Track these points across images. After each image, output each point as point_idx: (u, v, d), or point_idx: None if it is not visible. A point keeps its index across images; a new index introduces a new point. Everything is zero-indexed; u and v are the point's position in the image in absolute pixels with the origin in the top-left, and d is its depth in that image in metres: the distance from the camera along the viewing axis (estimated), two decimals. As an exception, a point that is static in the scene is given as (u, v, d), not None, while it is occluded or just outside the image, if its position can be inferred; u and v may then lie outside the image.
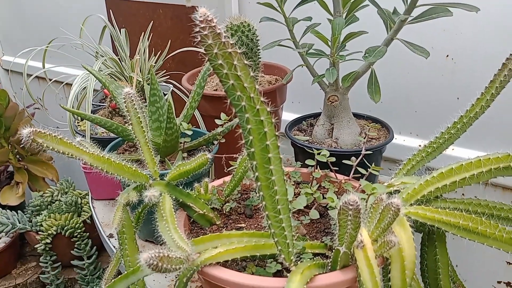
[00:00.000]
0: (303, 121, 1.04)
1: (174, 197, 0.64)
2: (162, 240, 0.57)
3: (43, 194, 1.66)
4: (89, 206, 1.58)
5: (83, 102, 1.13)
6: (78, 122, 1.13)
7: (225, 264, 0.56)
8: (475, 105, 0.67)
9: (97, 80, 1.08)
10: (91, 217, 1.56)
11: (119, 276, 0.55)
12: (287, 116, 1.19)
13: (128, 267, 0.63)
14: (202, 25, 0.44)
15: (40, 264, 1.59)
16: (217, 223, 0.68)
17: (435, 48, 1.06)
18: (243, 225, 0.68)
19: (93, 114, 1.05)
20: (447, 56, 1.06)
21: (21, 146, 1.76)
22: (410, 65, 1.12)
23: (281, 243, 0.51)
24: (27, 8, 2.01)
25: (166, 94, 0.98)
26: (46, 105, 1.47)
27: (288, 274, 0.51)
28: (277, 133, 0.49)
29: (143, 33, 1.26)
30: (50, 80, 1.33)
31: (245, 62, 0.46)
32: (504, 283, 1.16)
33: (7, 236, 1.69)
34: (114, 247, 0.90)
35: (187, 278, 0.53)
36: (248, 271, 0.56)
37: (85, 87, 1.14)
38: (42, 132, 0.56)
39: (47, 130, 0.56)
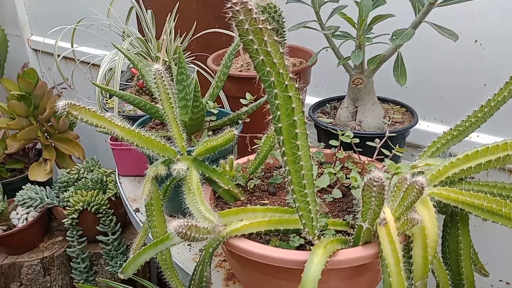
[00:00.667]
0: (327, 104, 1.04)
1: (200, 172, 0.66)
2: (188, 214, 0.59)
3: (70, 171, 1.71)
4: (114, 184, 1.63)
5: (110, 82, 1.16)
6: (106, 100, 1.16)
7: (249, 237, 0.58)
8: (503, 88, 0.67)
9: (124, 60, 1.10)
10: (115, 194, 1.61)
11: (149, 244, 0.58)
12: (310, 100, 1.19)
13: (156, 237, 0.65)
14: (234, 1, 0.45)
15: (66, 238, 1.65)
16: (241, 199, 0.70)
17: (463, 33, 1.04)
18: (266, 201, 0.70)
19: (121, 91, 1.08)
20: (475, 41, 1.05)
21: (49, 124, 1.82)
22: (436, 50, 1.10)
23: (306, 217, 0.52)
24: (55, -11, 2.05)
25: (192, 74, 1.00)
26: (74, 84, 1.51)
27: (311, 248, 0.52)
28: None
29: (169, 14, 1.28)
30: (78, 60, 1.36)
31: (275, 38, 0.47)
32: (525, 271, 1.15)
33: (35, 211, 1.76)
34: (141, 221, 0.93)
35: (213, 248, 0.55)
36: (272, 244, 0.58)
37: (111, 68, 1.17)
38: (77, 105, 0.58)
39: (81, 103, 0.59)
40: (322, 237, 0.56)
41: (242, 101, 0.87)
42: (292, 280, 0.53)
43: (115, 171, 1.69)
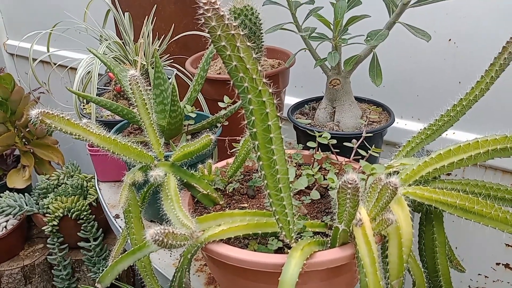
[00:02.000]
0: (305, 105, 1.05)
1: (178, 178, 0.65)
2: (167, 219, 0.58)
3: (50, 177, 1.69)
4: (95, 189, 1.61)
5: (88, 85, 1.14)
6: (83, 105, 1.14)
7: (228, 242, 0.58)
8: (474, 88, 0.68)
9: (101, 64, 1.09)
10: (96, 199, 1.59)
11: (126, 252, 0.57)
12: (290, 100, 1.20)
13: (135, 244, 0.65)
14: (206, 7, 0.45)
15: (47, 246, 1.62)
16: (221, 203, 0.70)
17: (438, 32, 1.06)
18: (245, 205, 0.70)
19: (97, 97, 1.07)
20: (449, 40, 1.07)
21: (27, 130, 1.79)
22: (412, 49, 1.12)
23: (282, 221, 0.53)
24: (30, -8, 2.01)
25: (170, 77, 0.99)
26: (51, 89, 1.48)
27: (289, 251, 0.53)
28: (279, 115, 0.51)
29: (146, 16, 1.27)
30: (55, 64, 1.34)
31: (248, 44, 0.47)
32: (502, 264, 1.18)
33: (15, 218, 1.73)
34: (120, 227, 0.93)
35: (191, 254, 0.55)
36: (250, 248, 0.58)
37: (89, 71, 1.15)
38: (50, 113, 0.57)
39: (55, 111, 0.58)
40: (300, 239, 0.56)
41: (221, 104, 0.87)
42: (270, 283, 0.53)
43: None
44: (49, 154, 1.82)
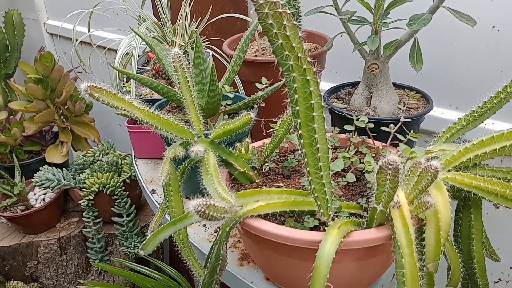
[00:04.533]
0: (341, 89, 1.05)
1: (217, 155, 0.67)
2: (205, 195, 0.60)
3: (86, 154, 1.74)
4: (129, 167, 1.65)
5: (127, 65, 1.17)
6: (123, 84, 1.18)
7: (265, 218, 0.60)
8: (521, 75, 0.66)
9: (140, 44, 1.11)
10: (130, 177, 1.63)
11: (168, 223, 0.60)
12: (325, 85, 1.20)
13: (174, 217, 0.67)
14: (255, -15, 0.45)
15: (82, 219, 1.69)
16: (257, 181, 0.71)
17: (481, 19, 1.03)
18: (281, 184, 0.71)
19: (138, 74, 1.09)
20: (493, 27, 1.03)
21: (65, 107, 1.85)
22: (454, 36, 1.09)
23: (321, 198, 0.54)
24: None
25: (207, 58, 1.00)
26: (88, 68, 1.53)
27: (325, 229, 0.54)
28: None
29: (185, -2, 1.28)
30: (95, 44, 1.38)
31: (294, 22, 0.48)
32: (536, 259, 1.16)
33: (52, 192, 1.80)
34: (157, 202, 0.96)
35: (229, 227, 0.57)
36: (287, 225, 0.60)
37: (127, 53, 1.18)
38: (98, 87, 0.59)
39: (103, 85, 0.60)
40: (336, 218, 0.57)
41: (258, 85, 0.88)
42: (305, 259, 0.55)
43: (130, 154, 1.72)
44: (85, 131, 1.88)
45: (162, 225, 0.61)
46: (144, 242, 0.61)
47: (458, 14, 0.79)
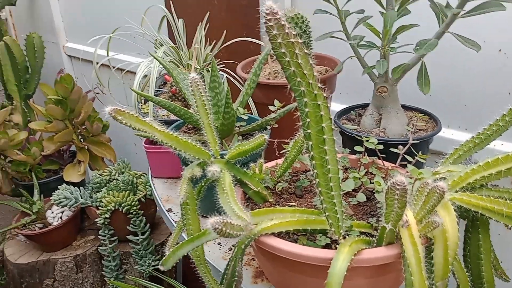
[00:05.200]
0: (352, 111, 1.07)
1: (232, 174, 0.70)
2: (221, 213, 0.63)
3: (102, 173, 1.79)
4: (144, 186, 1.69)
5: (145, 87, 1.22)
6: (141, 105, 1.22)
7: (278, 236, 0.62)
8: (525, 98, 0.69)
9: (158, 67, 1.16)
10: (145, 195, 1.67)
11: (186, 240, 0.62)
12: (336, 107, 1.23)
13: (190, 234, 0.70)
14: (268, 17, 0.49)
15: (98, 237, 1.72)
16: (270, 200, 0.74)
17: (488, 42, 1.06)
18: (293, 203, 0.74)
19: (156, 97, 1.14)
20: (499, 50, 1.06)
21: (83, 127, 1.91)
22: (461, 58, 1.12)
23: (332, 217, 0.56)
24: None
25: (222, 81, 1.05)
26: (106, 90, 1.59)
27: (336, 247, 0.56)
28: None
29: (200, 23, 1.34)
30: (114, 67, 1.44)
31: (306, 51, 0.51)
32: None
33: (70, 210, 1.84)
34: (173, 220, 0.99)
35: (245, 245, 0.60)
36: (300, 243, 0.62)
37: (146, 75, 1.23)
38: (122, 111, 0.63)
39: (126, 109, 0.64)
40: (347, 237, 0.59)
41: (271, 107, 0.92)
42: (318, 277, 0.57)
43: (145, 173, 1.76)
44: (102, 151, 1.93)
45: (180, 243, 0.63)
46: (164, 258, 0.64)
47: (463, 39, 0.82)
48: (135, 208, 1.63)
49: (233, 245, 0.89)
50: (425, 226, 0.56)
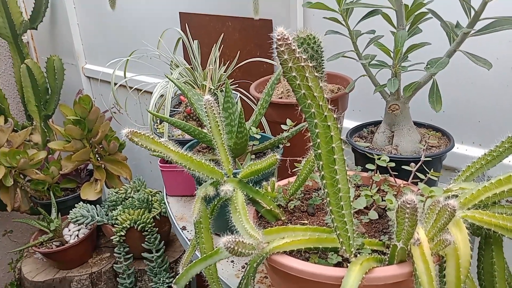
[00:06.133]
0: (364, 128, 1.08)
1: (245, 193, 0.71)
2: (233, 232, 0.64)
3: (118, 191, 1.82)
4: (159, 203, 1.71)
5: (161, 107, 1.25)
6: (157, 125, 1.25)
7: (290, 254, 0.63)
8: (537, 115, 0.69)
9: (173, 88, 1.19)
10: (160, 213, 1.69)
11: (199, 259, 0.64)
12: (348, 123, 1.24)
13: (204, 253, 0.71)
14: (279, 42, 0.51)
15: (114, 254, 1.74)
16: (282, 218, 0.75)
17: (500, 59, 1.06)
18: (306, 221, 0.74)
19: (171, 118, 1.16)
20: (512, 67, 1.06)
21: (100, 146, 1.95)
22: (473, 76, 1.13)
23: (343, 236, 0.57)
24: (109, 22, 2.21)
25: (235, 101, 1.07)
26: (122, 109, 1.62)
27: (348, 265, 0.57)
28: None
29: (214, 44, 1.37)
30: (131, 88, 1.48)
31: (316, 74, 0.53)
32: None
33: (86, 228, 1.87)
34: (187, 238, 1.00)
35: (257, 263, 0.60)
36: (311, 261, 0.62)
37: (162, 95, 1.27)
38: (138, 132, 0.66)
39: (142, 131, 0.66)
40: (358, 255, 0.60)
41: (283, 126, 0.93)
42: (330, 295, 0.57)
43: (160, 191, 1.78)
44: (118, 169, 1.96)
45: (193, 261, 0.64)
46: (177, 277, 0.65)
47: (474, 58, 0.83)
48: (150, 225, 1.65)
49: (246, 263, 0.90)
50: (437, 244, 0.56)
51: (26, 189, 1.98)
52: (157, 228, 1.69)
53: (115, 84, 1.38)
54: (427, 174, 0.76)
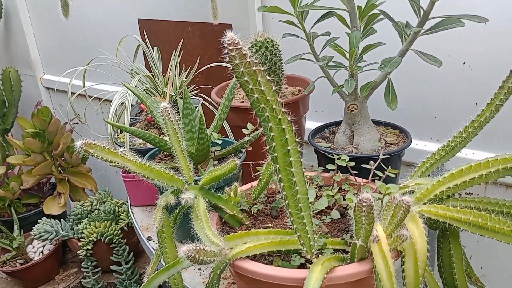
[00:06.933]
0: (325, 129, 1.10)
1: (207, 200, 0.71)
2: (197, 239, 0.64)
3: (83, 204, 1.77)
4: (126, 214, 1.68)
5: (121, 116, 1.22)
6: (117, 135, 1.23)
7: (254, 258, 0.63)
8: (485, 110, 0.72)
9: (133, 96, 1.17)
10: (127, 224, 1.66)
11: (161, 269, 0.63)
12: (311, 124, 1.25)
13: (168, 262, 0.70)
14: (230, 47, 0.51)
15: (81, 269, 1.69)
16: (246, 223, 0.75)
17: (452, 56, 1.10)
18: (269, 225, 0.75)
19: (131, 127, 1.14)
20: (464, 63, 1.10)
21: (62, 159, 1.89)
22: (428, 73, 1.16)
23: (303, 237, 0.57)
24: (66, 30, 2.16)
25: (197, 106, 1.06)
26: (83, 120, 1.58)
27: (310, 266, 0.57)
28: (298, 140, 0.56)
29: (174, 50, 1.36)
30: (90, 97, 1.44)
31: (268, 78, 0.53)
32: (530, 284, 1.17)
33: (51, 244, 1.81)
34: (153, 248, 0.98)
35: (220, 270, 0.60)
36: (275, 264, 0.63)
37: (122, 103, 1.24)
38: (93, 143, 0.64)
39: (97, 142, 0.65)
40: (320, 255, 0.60)
41: (244, 131, 0.93)
42: (295, 297, 0.57)
43: (126, 202, 1.75)
44: (83, 181, 1.91)
45: (156, 272, 0.63)
46: (139, 288, 0.63)
47: (425, 56, 0.85)
48: (117, 237, 1.61)
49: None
50: (395, 240, 0.57)
51: (-15, 207, 1.90)
52: (125, 240, 1.65)
53: (73, 93, 1.35)
54: (385, 172, 0.78)
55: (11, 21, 2.36)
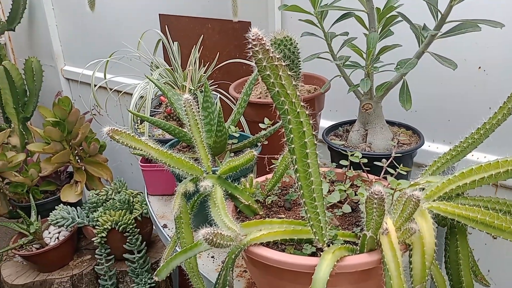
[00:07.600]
0: (339, 127, 1.12)
1: (223, 189, 0.74)
2: (213, 225, 0.67)
3: (99, 193, 1.82)
4: (140, 204, 1.72)
5: (141, 108, 1.26)
6: (137, 125, 1.26)
7: (267, 246, 0.65)
8: (497, 113, 0.74)
9: (154, 88, 1.21)
10: (141, 214, 1.70)
11: (179, 251, 0.66)
12: (325, 123, 1.27)
13: (184, 247, 0.73)
14: (254, 43, 0.54)
15: (95, 256, 1.74)
16: (260, 213, 0.77)
17: (468, 60, 1.11)
18: (282, 216, 0.77)
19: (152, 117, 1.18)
20: (479, 67, 1.12)
21: (80, 148, 1.94)
22: (443, 76, 1.18)
23: (316, 226, 0.60)
24: (88, 23, 2.21)
25: (215, 101, 1.09)
26: (102, 111, 1.63)
27: (321, 254, 0.60)
28: (314, 134, 0.58)
29: (194, 45, 1.39)
30: (111, 89, 1.49)
31: (289, 73, 0.56)
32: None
33: (67, 230, 1.86)
34: (168, 235, 1.02)
35: (235, 255, 0.63)
36: (287, 252, 0.65)
37: (141, 96, 1.28)
38: (119, 130, 0.68)
39: (122, 129, 0.68)
40: (331, 245, 0.63)
41: (261, 125, 0.96)
42: (306, 284, 0.60)
43: (141, 192, 1.79)
44: (99, 171, 1.96)
45: (174, 253, 0.67)
46: (158, 269, 0.67)
47: (440, 59, 0.87)
48: (131, 226, 1.65)
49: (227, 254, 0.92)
50: (404, 233, 0.59)
51: (5, 192, 1.96)
52: (139, 229, 1.70)
53: (95, 85, 1.39)
54: (396, 169, 0.80)
55: (35, 13, 2.42)
